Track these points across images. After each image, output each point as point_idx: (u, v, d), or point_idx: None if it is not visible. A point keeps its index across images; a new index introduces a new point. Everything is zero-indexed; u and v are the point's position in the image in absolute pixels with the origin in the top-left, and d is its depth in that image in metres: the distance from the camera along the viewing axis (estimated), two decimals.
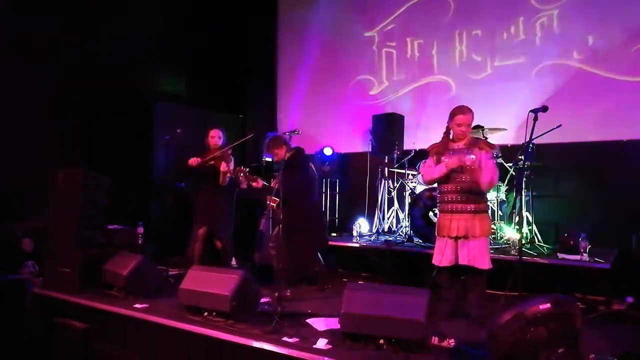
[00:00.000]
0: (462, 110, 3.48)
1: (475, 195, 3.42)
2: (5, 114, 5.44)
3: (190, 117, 6.62)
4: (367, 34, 7.37)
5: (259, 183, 4.54)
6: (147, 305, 3.87)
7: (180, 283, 3.85)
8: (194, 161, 4.83)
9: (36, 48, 5.78)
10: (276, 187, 4.16)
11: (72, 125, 6.12)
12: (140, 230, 5.70)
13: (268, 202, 4.37)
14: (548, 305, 2.61)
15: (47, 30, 5.88)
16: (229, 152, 4.94)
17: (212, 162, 4.87)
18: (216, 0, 7.80)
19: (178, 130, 5.20)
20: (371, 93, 7.30)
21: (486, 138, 5.12)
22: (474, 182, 3.40)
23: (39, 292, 4.45)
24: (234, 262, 5.40)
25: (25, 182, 5.49)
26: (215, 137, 5.04)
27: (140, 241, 5.61)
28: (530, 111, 3.38)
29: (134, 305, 3.85)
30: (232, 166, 4.83)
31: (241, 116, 8.15)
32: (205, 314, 3.56)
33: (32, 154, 5.62)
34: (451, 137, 3.59)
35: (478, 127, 5.16)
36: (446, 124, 3.60)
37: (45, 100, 5.88)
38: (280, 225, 4.01)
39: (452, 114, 3.52)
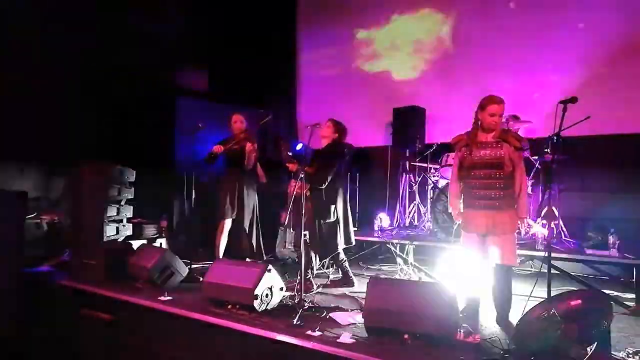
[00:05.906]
0: (494, 99, 3.32)
1: (501, 190, 3.33)
2: (31, 107, 5.53)
3: (212, 111, 6.65)
4: (386, 22, 7.29)
5: (294, 165, 4.35)
6: (171, 298, 3.90)
7: (204, 276, 3.89)
8: (218, 148, 4.89)
9: (60, 42, 5.85)
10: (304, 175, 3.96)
11: (96, 118, 6.19)
12: (164, 223, 5.76)
13: (295, 189, 4.03)
14: (579, 301, 2.56)
15: (71, 24, 5.94)
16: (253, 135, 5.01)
17: (237, 146, 4.91)
18: None
19: (200, 125, 5.22)
20: (392, 84, 7.22)
21: (517, 130, 5.02)
22: (500, 178, 3.32)
23: (65, 283, 4.53)
24: None
25: (51, 175, 5.59)
26: (238, 121, 5.12)
27: (164, 234, 5.68)
28: (560, 102, 3.26)
29: (158, 298, 3.89)
30: (256, 146, 4.91)
31: (262, 110, 8.14)
32: (229, 306, 3.58)
33: (57, 147, 5.71)
34: (480, 127, 3.47)
35: (514, 117, 5.05)
36: (475, 114, 3.44)
37: (69, 94, 5.95)
38: (305, 214, 3.85)
39: (484, 104, 3.36)
